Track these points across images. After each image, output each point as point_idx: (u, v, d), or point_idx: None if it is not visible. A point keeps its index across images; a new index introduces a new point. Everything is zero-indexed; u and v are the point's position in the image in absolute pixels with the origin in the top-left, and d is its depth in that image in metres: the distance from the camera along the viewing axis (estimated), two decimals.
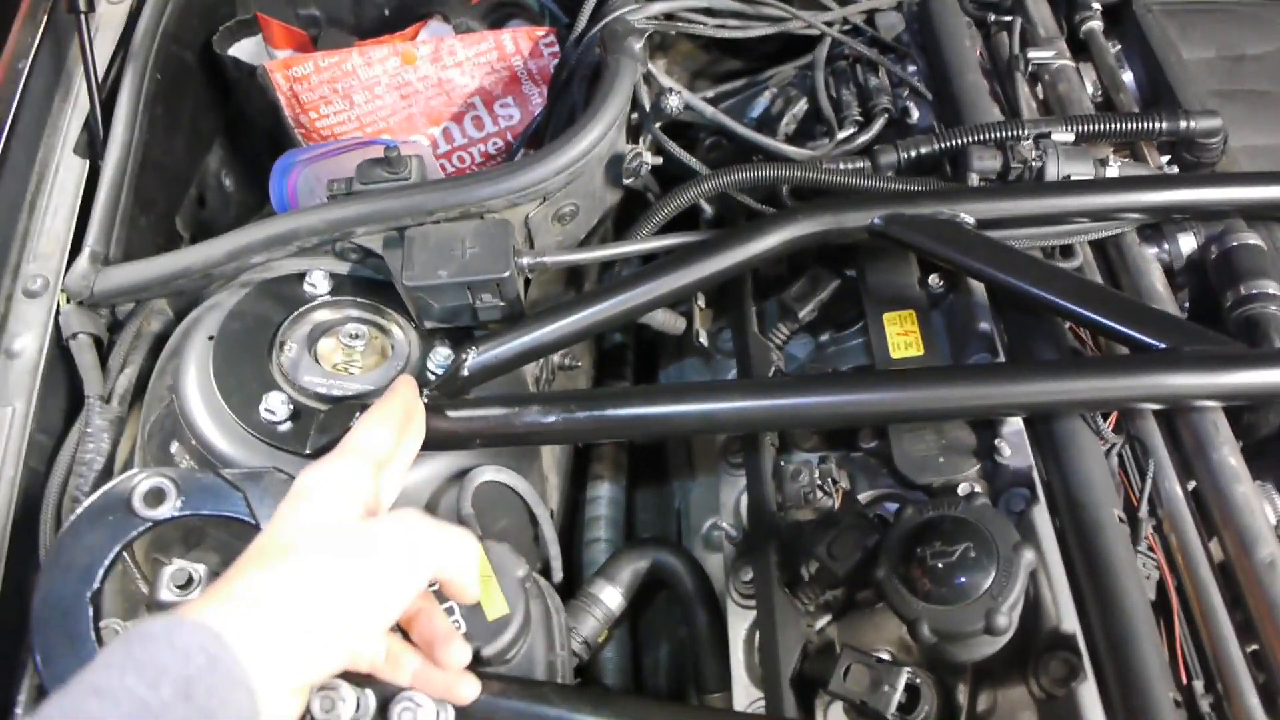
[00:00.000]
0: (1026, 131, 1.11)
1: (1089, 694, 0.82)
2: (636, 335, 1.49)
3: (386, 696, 0.80)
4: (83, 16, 1.18)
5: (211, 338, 1.03)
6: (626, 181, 1.15)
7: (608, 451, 1.34)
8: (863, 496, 1.04)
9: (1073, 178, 1.10)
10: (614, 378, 1.46)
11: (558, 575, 1.12)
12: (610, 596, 1.11)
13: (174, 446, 1.00)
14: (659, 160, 1.19)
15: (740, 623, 1.03)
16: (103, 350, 1.11)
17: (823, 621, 0.99)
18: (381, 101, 1.35)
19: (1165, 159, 1.20)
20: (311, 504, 0.75)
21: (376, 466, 0.80)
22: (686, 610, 1.12)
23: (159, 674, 0.57)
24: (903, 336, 1.09)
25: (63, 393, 1.10)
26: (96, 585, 0.83)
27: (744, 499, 1.10)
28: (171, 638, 0.60)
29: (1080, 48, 1.35)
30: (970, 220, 1.04)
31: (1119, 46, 1.35)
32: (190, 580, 0.84)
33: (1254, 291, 1.02)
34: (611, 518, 1.28)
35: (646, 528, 1.32)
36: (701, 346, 1.24)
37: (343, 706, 0.78)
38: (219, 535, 0.96)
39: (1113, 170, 1.12)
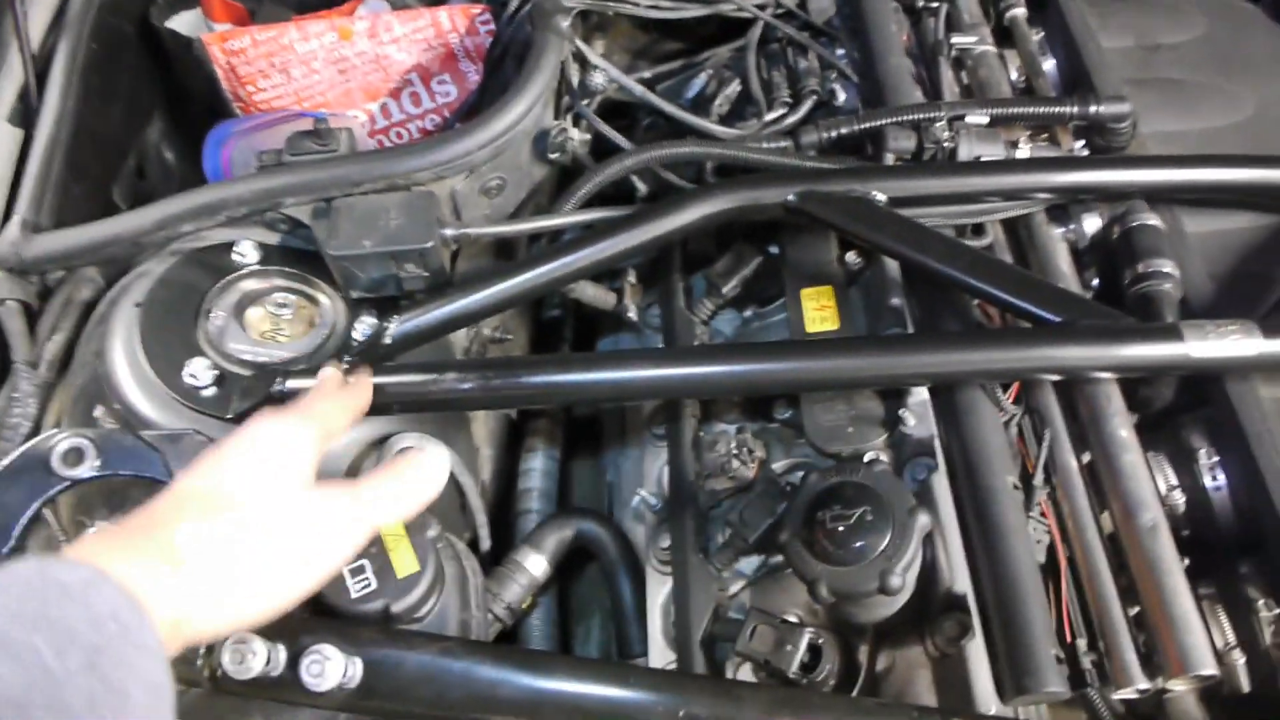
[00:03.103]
0: (942, 114, 1.14)
1: (976, 650, 0.86)
2: (576, 310, 1.50)
3: (297, 650, 0.82)
4: None
5: (138, 304, 1.04)
6: (552, 156, 1.17)
7: (542, 424, 1.35)
8: (778, 466, 1.07)
9: (983, 159, 1.14)
10: (550, 352, 1.47)
11: (485, 544, 1.14)
12: (535, 564, 1.14)
13: (98, 410, 1.01)
14: (587, 137, 1.21)
15: (659, 589, 1.06)
16: (32, 316, 1.12)
17: (737, 586, 1.02)
18: (319, 76, 1.35)
19: (1080, 143, 1.23)
20: (262, 457, 0.72)
21: (324, 439, 0.79)
22: (609, 577, 1.15)
23: (69, 640, 0.53)
24: (819, 311, 1.11)
25: None
26: (13, 543, 0.85)
27: (666, 469, 1.12)
28: (89, 597, 0.56)
29: (1005, 34, 1.38)
30: (882, 198, 1.07)
31: (1042, 34, 1.38)
32: None
33: (1150, 270, 1.05)
34: (543, 489, 1.30)
35: (583, 500, 1.33)
36: (630, 321, 1.26)
37: (253, 659, 0.80)
38: (141, 498, 0.96)
39: (1023, 152, 1.15)
